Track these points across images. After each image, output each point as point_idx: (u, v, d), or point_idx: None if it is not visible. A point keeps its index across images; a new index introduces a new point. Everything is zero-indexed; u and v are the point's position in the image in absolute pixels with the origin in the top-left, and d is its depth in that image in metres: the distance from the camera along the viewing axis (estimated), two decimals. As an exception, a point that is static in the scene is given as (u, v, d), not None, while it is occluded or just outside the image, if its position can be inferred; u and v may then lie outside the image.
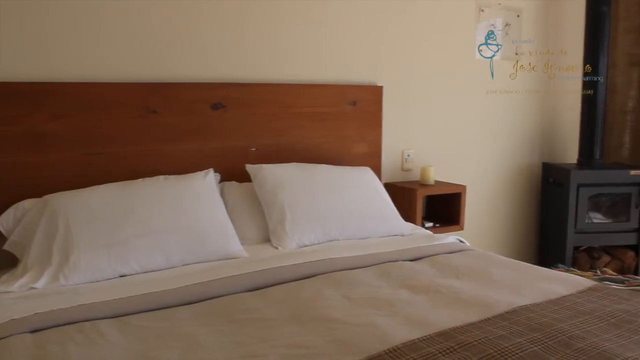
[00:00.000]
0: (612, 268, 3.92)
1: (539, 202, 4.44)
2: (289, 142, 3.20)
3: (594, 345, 1.65)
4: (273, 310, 1.92)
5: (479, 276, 2.31)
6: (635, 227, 4.07)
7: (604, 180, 4.05)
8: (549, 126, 4.48)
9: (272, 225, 2.74)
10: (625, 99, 4.47)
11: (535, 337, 1.68)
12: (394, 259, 2.52)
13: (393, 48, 3.64)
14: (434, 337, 1.67)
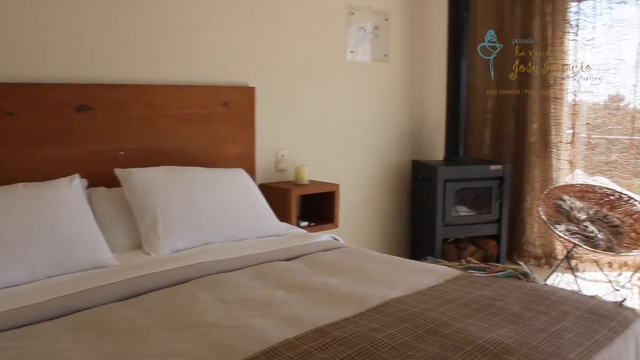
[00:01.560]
0: (477, 257, 4.18)
1: (409, 198, 4.64)
2: (160, 145, 3.11)
3: (460, 330, 1.75)
4: (146, 319, 1.85)
5: (353, 272, 2.37)
6: (496, 218, 4.36)
7: (467, 176, 4.31)
8: (417, 126, 4.70)
9: (143, 230, 2.65)
10: (485, 99, 4.79)
11: (406, 328, 1.75)
12: (270, 259, 2.53)
13: (265, 49, 3.65)
14: (309, 334, 1.69)
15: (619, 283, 4.12)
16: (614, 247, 3.73)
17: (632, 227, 3.92)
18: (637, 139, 4.23)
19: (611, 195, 4.14)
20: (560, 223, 3.78)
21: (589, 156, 4.52)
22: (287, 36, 3.76)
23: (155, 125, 3.09)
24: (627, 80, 4.26)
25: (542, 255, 4.62)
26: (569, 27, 4.42)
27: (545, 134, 4.53)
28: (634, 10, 4.19)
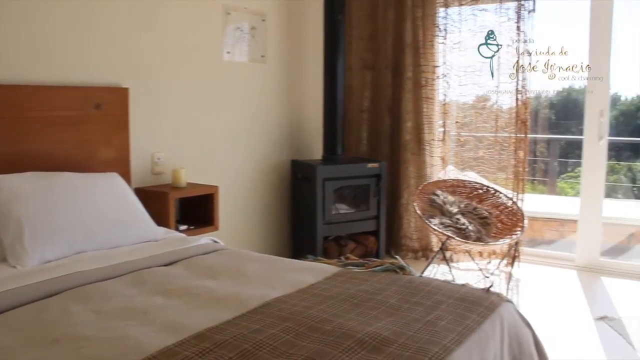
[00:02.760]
0: (358, 253, 4.29)
1: (289, 198, 4.66)
2: (24, 149, 2.90)
3: (340, 325, 1.77)
4: (10, 338, 1.71)
5: (234, 274, 2.34)
6: (374, 214, 4.49)
7: (346, 174, 4.40)
8: (296, 126, 4.73)
9: (8, 242, 2.46)
10: (361, 99, 4.92)
11: (287, 327, 1.75)
12: (147, 265, 2.44)
13: (140, 49, 3.50)
14: (189, 340, 1.65)
15: (488, 270, 4.38)
16: (483, 237, 3.96)
17: (499, 218, 4.18)
18: (501, 136, 4.53)
19: (480, 189, 4.39)
20: (435, 217, 3.96)
21: (459, 153, 4.78)
22: (162, 36, 3.64)
23: (18, 129, 2.87)
24: (490, 82, 4.54)
25: (419, 248, 4.82)
26: (438, 30, 4.64)
27: (418, 132, 4.73)
28: (494, 17, 4.47)
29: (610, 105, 4.64)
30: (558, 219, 5.47)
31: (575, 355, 3.13)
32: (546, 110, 9.52)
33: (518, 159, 4.43)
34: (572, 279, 4.40)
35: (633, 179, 8.47)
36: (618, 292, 4.12)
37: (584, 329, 3.47)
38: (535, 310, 3.75)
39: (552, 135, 7.80)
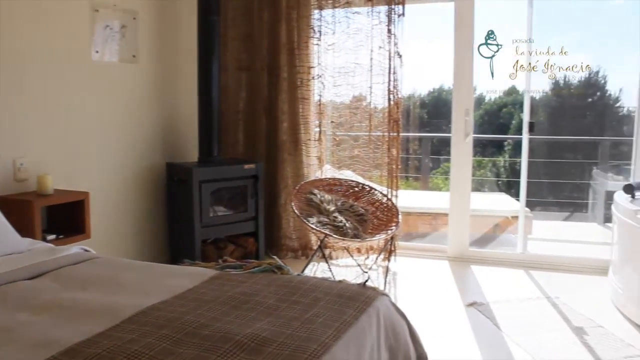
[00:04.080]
0: (237, 255, 4.26)
1: (165, 201, 4.53)
2: None
3: (218, 329, 1.75)
4: None
5: (106, 283, 2.24)
6: (253, 215, 4.48)
7: (223, 176, 4.35)
8: (170, 127, 4.61)
9: None
10: (237, 100, 4.89)
11: (164, 334, 1.70)
12: (10, 279, 2.27)
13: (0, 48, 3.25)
14: (58, 357, 1.55)
15: (366, 266, 4.51)
16: (360, 234, 4.06)
17: (374, 215, 4.31)
18: (375, 135, 4.67)
19: (355, 187, 4.51)
20: (312, 216, 4.01)
21: (335, 152, 4.88)
22: (22, 34, 3.39)
23: None
24: (364, 82, 4.67)
25: (299, 247, 4.87)
26: (313, 32, 4.71)
27: (295, 132, 4.77)
28: (367, 20, 4.60)
29: (476, 105, 4.92)
30: (431, 213, 5.73)
31: (449, 340, 3.30)
32: (418, 110, 9.97)
33: (391, 156, 4.60)
34: (444, 269, 4.63)
35: (497, 173, 9.06)
36: (486, 278, 4.39)
37: (455, 315, 3.66)
38: (412, 300, 3.91)
39: (423, 134, 8.17)
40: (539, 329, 3.43)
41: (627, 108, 7.95)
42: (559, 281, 4.31)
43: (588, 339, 3.29)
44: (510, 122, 9.41)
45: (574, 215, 7.48)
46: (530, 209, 5.44)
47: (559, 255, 4.85)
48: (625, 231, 3.72)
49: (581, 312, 3.67)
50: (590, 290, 4.11)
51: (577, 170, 7.67)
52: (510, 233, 5.57)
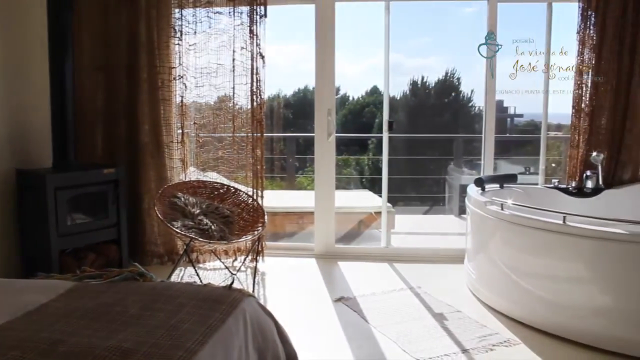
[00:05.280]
0: (99, 264, 4.05)
1: (16, 211, 4.19)
2: None
3: (77, 344, 1.66)
4: None
5: (-54, 304, 2.05)
6: (114, 222, 4.29)
7: (80, 182, 4.11)
8: (19, 132, 4.27)
9: None
10: (94, 101, 4.65)
11: (14, 356, 1.59)
12: None
13: None
14: None
15: (235, 268, 4.47)
16: (226, 236, 4.02)
17: (240, 216, 4.29)
18: (239, 136, 4.65)
19: (220, 189, 4.46)
20: (177, 220, 3.91)
21: (199, 154, 4.79)
22: None
23: None
24: (227, 83, 4.63)
25: (164, 253, 4.73)
26: (174, 32, 4.59)
27: (157, 134, 4.63)
28: (229, 20, 4.57)
29: (340, 105, 5.05)
30: (297, 212, 5.80)
31: (318, 336, 3.36)
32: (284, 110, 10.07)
33: (256, 157, 4.61)
34: (312, 266, 4.71)
35: (361, 171, 9.37)
36: (352, 274, 4.51)
37: (324, 311, 3.74)
38: (281, 300, 3.95)
39: (288, 134, 8.26)
40: (403, 318, 3.58)
41: (478, 107, 8.53)
42: (420, 272, 4.53)
43: (448, 323, 3.50)
44: (372, 121, 9.79)
45: (433, 209, 7.94)
46: (393, 204, 5.67)
47: (420, 247, 5.12)
48: (477, 221, 3.99)
49: (441, 299, 3.89)
50: (448, 278, 4.36)
51: (435, 166, 8.13)
52: (375, 228, 5.78)
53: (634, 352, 3.00)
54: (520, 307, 3.51)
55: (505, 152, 7.68)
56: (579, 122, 4.55)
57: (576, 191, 4.50)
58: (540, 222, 3.35)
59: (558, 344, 3.20)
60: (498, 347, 3.18)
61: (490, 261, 3.77)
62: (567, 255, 3.26)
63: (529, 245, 3.46)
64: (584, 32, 4.47)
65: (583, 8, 4.44)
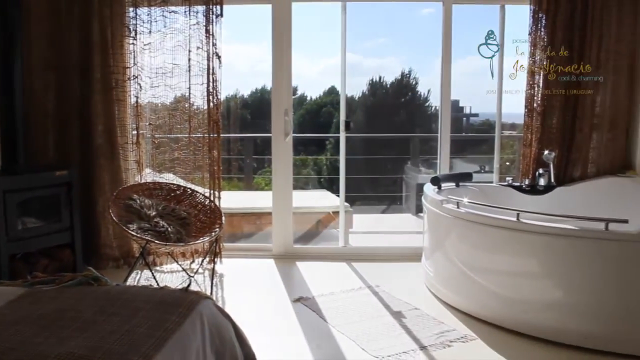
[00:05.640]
0: (52, 269, 3.96)
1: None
2: None
3: (27, 352, 1.62)
4: None
5: None
6: (67, 225, 4.19)
7: (31, 185, 4.00)
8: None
9: None
10: (45, 102, 4.53)
11: (-41, 366, 1.53)
12: None
13: None
14: None
15: (192, 270, 4.42)
16: (183, 237, 3.97)
17: (197, 218, 4.24)
18: (195, 136, 4.60)
19: (177, 190, 4.40)
20: (132, 222, 3.84)
21: (155, 155, 4.72)
22: None
23: None
24: (182, 84, 4.57)
25: (120, 256, 4.65)
26: (128, 31, 4.51)
27: (111, 136, 4.54)
28: (184, 19, 4.51)
29: (298, 105, 5.05)
30: (255, 212, 5.77)
31: (277, 337, 3.35)
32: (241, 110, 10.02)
33: (213, 158, 4.56)
34: (270, 267, 4.69)
35: (319, 171, 9.39)
36: (311, 274, 4.51)
37: (283, 311, 3.73)
38: (239, 301, 3.92)
39: (245, 134, 8.22)
40: (362, 317, 3.60)
41: (434, 107, 8.64)
42: (378, 270, 4.56)
43: (406, 321, 3.53)
44: (330, 121, 9.82)
45: (391, 208, 8.01)
46: (351, 204, 5.70)
47: (378, 246, 5.16)
48: (433, 220, 4.04)
49: (399, 298, 3.93)
50: (406, 277, 4.40)
51: (393, 166, 8.20)
52: (333, 228, 5.79)
53: (584, 344, 3.09)
54: (476, 303, 3.57)
55: (461, 151, 7.80)
56: (531, 121, 4.66)
57: (529, 189, 4.60)
58: (494, 219, 3.41)
59: (513, 339, 3.26)
60: (455, 343, 3.22)
61: (447, 259, 3.82)
62: (521, 251, 3.34)
63: (485, 242, 3.53)
64: (535, 33, 4.57)
65: (534, 10, 4.55)
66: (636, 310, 3.03)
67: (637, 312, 3.03)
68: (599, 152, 4.62)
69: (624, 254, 3.02)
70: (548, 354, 3.10)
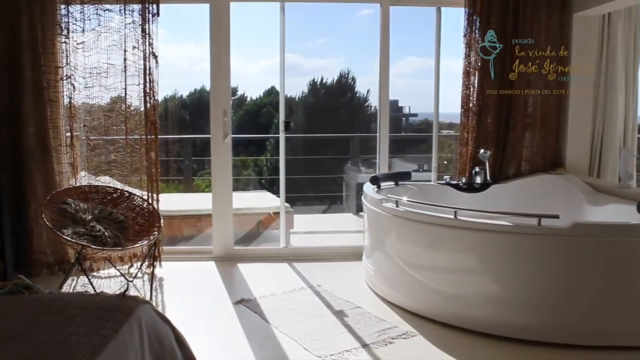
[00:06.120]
0: (-19, 278, 3.79)
1: None
2: None
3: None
4: None
5: None
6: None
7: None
8: None
9: None
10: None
11: None
12: None
13: None
14: None
15: (131, 274, 4.32)
16: (121, 242, 3.88)
17: (135, 221, 4.15)
18: (132, 138, 4.50)
19: (114, 193, 4.29)
20: (67, 227, 3.72)
21: (90, 157, 4.59)
22: None
23: None
24: (118, 84, 4.46)
25: (55, 262, 4.50)
26: (60, 29, 4.37)
27: (43, 138, 4.39)
28: (120, 18, 4.41)
29: (238, 106, 5.01)
30: (195, 215, 5.69)
31: (219, 339, 3.31)
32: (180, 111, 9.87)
33: (150, 160, 4.47)
34: (211, 270, 4.64)
35: (260, 172, 9.36)
36: (252, 275, 4.49)
37: (224, 314, 3.70)
38: (180, 305, 3.87)
39: (183, 136, 8.10)
40: (304, 317, 3.60)
41: (373, 107, 8.75)
42: (320, 270, 4.57)
43: (348, 320, 3.56)
44: (270, 122, 9.80)
45: (331, 208, 8.05)
46: (291, 204, 5.69)
47: (319, 246, 5.17)
48: (373, 219, 4.08)
49: (341, 297, 3.95)
50: (348, 276, 4.43)
51: (333, 166, 8.25)
52: (274, 229, 5.78)
53: (520, 335, 3.19)
54: (416, 300, 3.63)
55: (401, 151, 7.92)
56: (467, 121, 4.78)
57: (466, 187, 4.71)
58: (433, 217, 3.48)
59: (453, 333, 3.34)
60: (397, 340, 3.27)
61: (387, 257, 3.87)
62: (458, 248, 3.41)
63: (424, 239, 3.59)
64: (470, 35, 4.69)
65: (469, 13, 4.66)
66: (567, 301, 3.16)
67: (568, 303, 3.16)
68: (532, 151, 4.78)
69: (555, 248, 3.13)
70: (487, 346, 3.18)
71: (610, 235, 3.11)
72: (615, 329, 3.14)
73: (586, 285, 3.13)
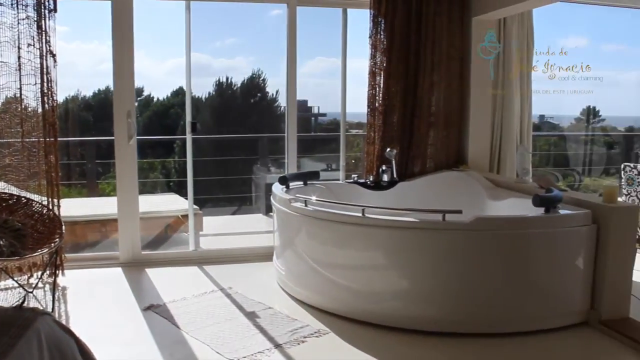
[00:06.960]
0: None
1: None
2: None
3: None
4: None
5: None
6: None
7: None
8: None
9: None
10: None
11: None
12: None
13: None
14: None
15: (31, 285, 4.11)
16: (18, 251, 3.66)
17: (34, 228, 3.94)
18: (29, 141, 4.27)
19: (9, 200, 4.05)
20: (-41, 236, 3.49)
21: (-21, 162, 4.31)
22: None
23: None
24: (12, 84, 4.22)
25: (-56, 275, 4.21)
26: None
27: None
28: (12, 12, 4.16)
29: (144, 106, 4.87)
30: (100, 219, 5.48)
31: (128, 347, 3.20)
32: (83, 112, 9.49)
33: (50, 164, 4.26)
34: (118, 276, 4.48)
35: (168, 174, 9.15)
36: (161, 280, 4.38)
37: (133, 321, 3.58)
38: (85, 314, 3.72)
39: (85, 138, 7.79)
40: (215, 320, 3.56)
41: (283, 107, 8.79)
42: (231, 272, 4.53)
43: (260, 321, 3.55)
44: (178, 123, 9.61)
45: (241, 209, 8.00)
46: (201, 206, 5.59)
47: (230, 247, 5.12)
48: (283, 219, 4.09)
49: (252, 298, 3.93)
50: (259, 277, 4.42)
51: (242, 166, 8.20)
52: (183, 232, 5.66)
53: (428, 328, 3.32)
54: (327, 298, 3.67)
55: (310, 150, 7.98)
56: (374, 120, 4.88)
57: (374, 185, 4.81)
58: (341, 215, 3.53)
59: (364, 329, 3.40)
60: (309, 339, 3.29)
61: (297, 256, 3.89)
62: (367, 245, 3.48)
63: (333, 238, 3.63)
64: (375, 36, 4.79)
65: (374, 14, 4.76)
66: (470, 293, 3.29)
67: (474, 294, 3.29)
68: (436, 149, 4.95)
69: (459, 241, 3.26)
70: (398, 341, 3.26)
71: (509, 228, 3.28)
72: (515, 315, 3.31)
73: (488, 276, 3.28)
